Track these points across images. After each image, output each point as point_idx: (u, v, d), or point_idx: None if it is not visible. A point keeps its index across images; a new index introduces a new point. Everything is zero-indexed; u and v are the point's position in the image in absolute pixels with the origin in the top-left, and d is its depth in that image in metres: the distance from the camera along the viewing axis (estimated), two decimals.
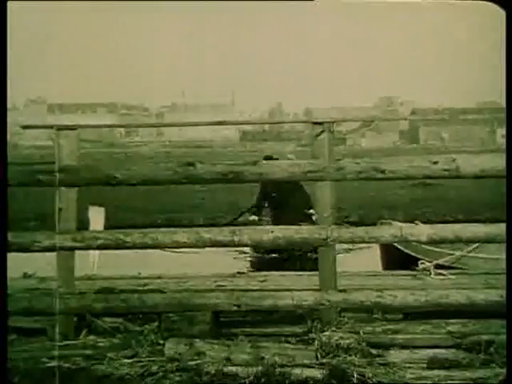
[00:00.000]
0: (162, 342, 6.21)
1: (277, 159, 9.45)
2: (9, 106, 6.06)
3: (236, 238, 6.12)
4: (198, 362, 5.85)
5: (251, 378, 5.67)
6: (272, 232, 6.16)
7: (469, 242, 7.19)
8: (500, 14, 5.94)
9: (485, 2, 6.09)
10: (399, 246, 9.52)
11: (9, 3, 5.71)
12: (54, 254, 6.53)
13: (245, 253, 10.98)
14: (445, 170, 6.05)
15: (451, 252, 8.93)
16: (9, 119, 6.10)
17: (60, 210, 6.65)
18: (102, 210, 8.70)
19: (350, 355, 5.93)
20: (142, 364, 5.91)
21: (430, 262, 8.35)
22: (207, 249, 6.38)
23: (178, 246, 6.31)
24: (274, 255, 10.63)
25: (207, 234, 6.13)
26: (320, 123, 6.77)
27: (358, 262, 9.89)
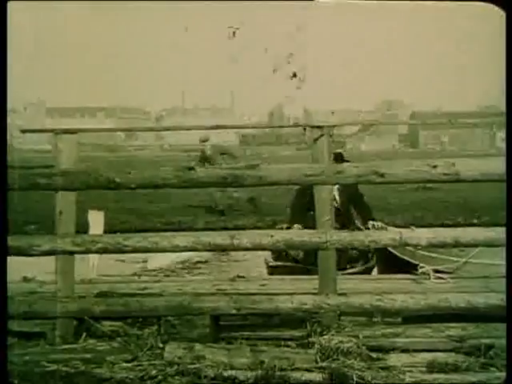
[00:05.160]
0: (161, 345, 6.21)
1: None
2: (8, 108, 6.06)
3: (235, 242, 6.12)
4: (198, 365, 5.85)
5: (251, 381, 5.66)
6: (272, 236, 6.15)
7: (469, 246, 7.19)
8: (500, 15, 5.95)
9: (485, 3, 6.09)
10: (396, 253, 9.51)
11: (9, 3, 5.71)
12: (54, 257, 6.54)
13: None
14: (444, 173, 6.05)
15: (451, 258, 8.92)
16: (8, 122, 6.11)
17: (60, 213, 6.65)
18: (101, 213, 8.72)
19: (350, 359, 5.93)
20: (141, 368, 5.91)
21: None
22: None
23: (178, 249, 6.31)
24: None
25: (206, 237, 6.12)
26: (319, 127, 6.78)
27: None
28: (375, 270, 10.02)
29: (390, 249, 9.27)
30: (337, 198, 9.84)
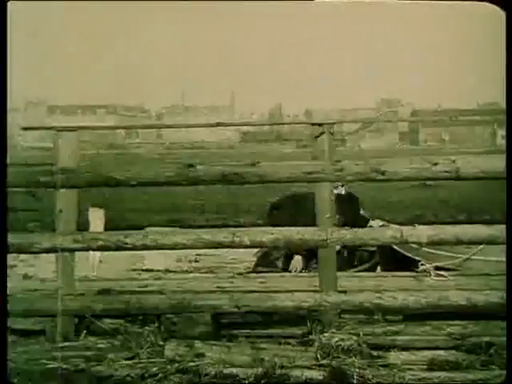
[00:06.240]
0: (161, 343, 6.21)
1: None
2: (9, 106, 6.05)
3: (236, 239, 6.12)
4: (198, 363, 5.85)
5: (251, 379, 5.67)
6: (272, 234, 6.15)
7: (469, 243, 7.18)
8: (500, 15, 5.94)
9: (485, 3, 6.09)
10: (399, 249, 9.50)
11: (9, 3, 5.71)
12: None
13: None
14: (445, 171, 6.04)
15: (455, 255, 8.91)
16: (9, 120, 6.10)
17: (60, 211, 6.65)
18: (102, 211, 8.72)
19: (350, 356, 5.93)
20: (141, 365, 5.91)
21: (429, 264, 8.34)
22: None
23: (178, 247, 6.31)
24: None
25: (207, 235, 6.12)
26: (320, 124, 6.77)
27: None
28: (378, 268, 10.03)
29: (393, 246, 9.27)
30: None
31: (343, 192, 9.82)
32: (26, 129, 13.24)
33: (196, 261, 12.31)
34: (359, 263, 9.76)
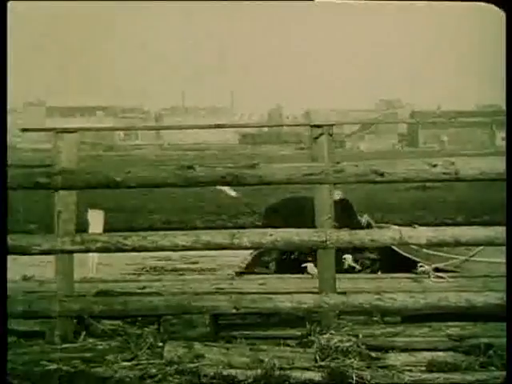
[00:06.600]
0: (161, 344, 6.21)
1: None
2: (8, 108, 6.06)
3: (235, 241, 6.12)
4: (197, 364, 5.85)
5: (250, 380, 5.66)
6: (271, 235, 6.15)
7: (468, 245, 7.18)
8: (500, 15, 5.95)
9: (485, 3, 6.09)
10: (399, 251, 9.51)
11: (9, 3, 5.71)
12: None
13: None
14: (444, 173, 6.04)
15: (455, 257, 8.92)
16: (8, 121, 6.10)
17: (59, 212, 6.65)
18: (101, 212, 8.72)
19: (349, 358, 5.93)
20: (141, 367, 5.91)
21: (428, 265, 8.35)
22: None
23: (177, 248, 6.31)
24: None
25: (206, 236, 6.12)
26: (319, 126, 6.78)
27: None
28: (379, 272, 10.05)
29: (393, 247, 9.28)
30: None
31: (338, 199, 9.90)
32: (25, 130, 13.23)
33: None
34: (360, 269, 9.79)
